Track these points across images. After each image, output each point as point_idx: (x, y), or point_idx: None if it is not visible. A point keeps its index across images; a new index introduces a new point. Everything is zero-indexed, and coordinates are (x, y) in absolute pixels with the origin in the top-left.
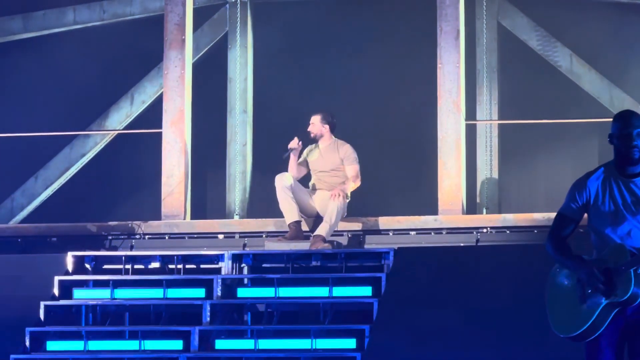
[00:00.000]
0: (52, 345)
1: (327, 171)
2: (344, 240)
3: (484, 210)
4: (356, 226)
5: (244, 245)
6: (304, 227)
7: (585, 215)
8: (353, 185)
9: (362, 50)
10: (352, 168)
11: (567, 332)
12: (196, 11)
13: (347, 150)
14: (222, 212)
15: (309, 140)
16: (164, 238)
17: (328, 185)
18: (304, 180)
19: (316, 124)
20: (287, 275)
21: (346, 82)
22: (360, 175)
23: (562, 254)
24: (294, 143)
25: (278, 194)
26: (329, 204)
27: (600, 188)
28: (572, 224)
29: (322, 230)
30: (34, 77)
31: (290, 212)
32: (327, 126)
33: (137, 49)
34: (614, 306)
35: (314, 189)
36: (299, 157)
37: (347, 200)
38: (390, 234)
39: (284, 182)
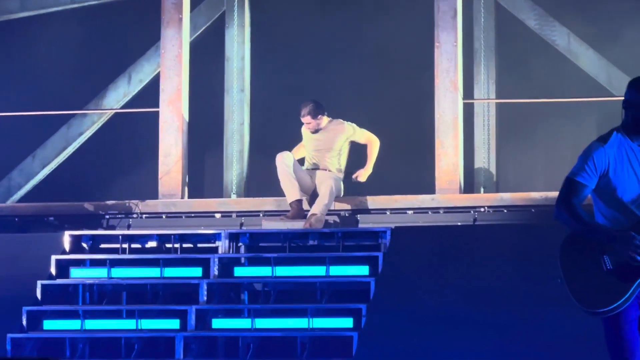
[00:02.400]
0: (49, 324)
1: (324, 149)
2: (340, 220)
3: (482, 190)
4: (353, 205)
5: (241, 225)
6: (305, 206)
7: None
8: (374, 151)
9: (359, 29)
10: (362, 136)
11: (598, 307)
12: None
13: (345, 129)
14: (219, 191)
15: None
16: (161, 217)
17: (324, 164)
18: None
19: (311, 123)
20: (284, 255)
21: (343, 61)
22: (375, 147)
23: (581, 221)
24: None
25: (279, 172)
26: (322, 183)
27: (617, 156)
28: (585, 190)
29: (316, 208)
30: (32, 56)
31: (291, 191)
32: (321, 117)
33: (135, 28)
34: None
35: (313, 168)
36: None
37: (341, 177)
38: (388, 213)
39: (285, 161)
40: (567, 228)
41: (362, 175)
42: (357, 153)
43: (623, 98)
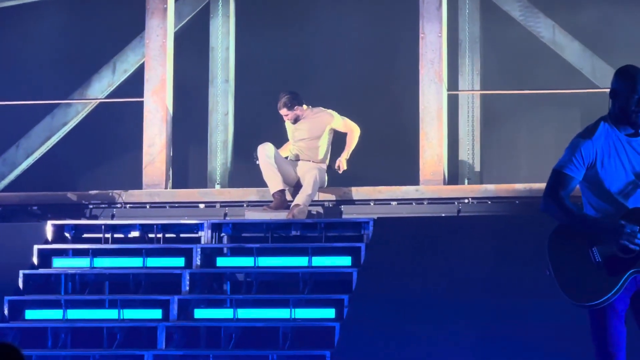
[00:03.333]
0: (30, 314)
1: (306, 139)
2: (324, 210)
3: (466, 181)
4: (337, 196)
5: (225, 215)
6: (288, 197)
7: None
8: (353, 139)
9: (343, 19)
10: (343, 124)
11: (587, 300)
12: None
13: (326, 117)
14: (203, 181)
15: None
16: (145, 207)
17: (307, 155)
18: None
19: (289, 114)
20: (267, 245)
21: (327, 52)
22: (355, 135)
23: (569, 213)
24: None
25: (261, 164)
26: (306, 173)
27: (605, 147)
28: (573, 182)
29: (299, 199)
30: (16, 46)
31: (274, 182)
32: (297, 107)
33: (119, 18)
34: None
35: (295, 159)
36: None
37: (325, 168)
38: (372, 204)
39: (266, 152)
40: (555, 220)
41: (343, 162)
42: (338, 144)
43: (608, 89)
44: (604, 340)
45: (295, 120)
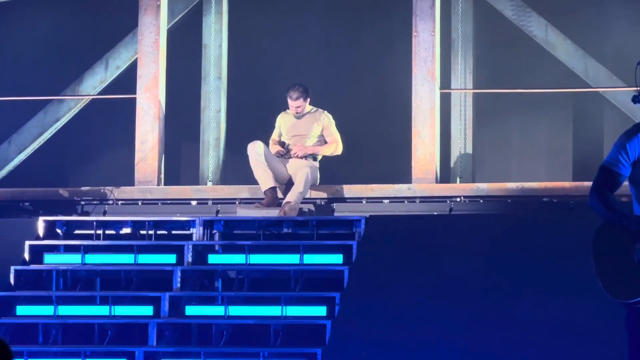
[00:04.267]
0: (22, 310)
1: (302, 136)
2: (315, 208)
3: (458, 180)
4: (329, 194)
5: (217, 212)
6: (279, 195)
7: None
8: (329, 149)
9: (336, 17)
10: (332, 134)
11: (626, 298)
12: None
13: (325, 120)
14: (195, 178)
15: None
16: (137, 204)
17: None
18: None
19: (302, 105)
20: (258, 242)
21: (320, 49)
22: (333, 150)
23: (613, 209)
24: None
25: (251, 162)
26: (298, 171)
27: None
28: (619, 178)
29: (291, 196)
30: (8, 41)
31: (265, 180)
32: (309, 99)
33: (112, 14)
34: None
35: (287, 156)
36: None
37: (317, 166)
38: (364, 202)
39: (256, 150)
40: (600, 217)
41: (301, 150)
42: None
43: (600, 89)
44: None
45: (300, 115)
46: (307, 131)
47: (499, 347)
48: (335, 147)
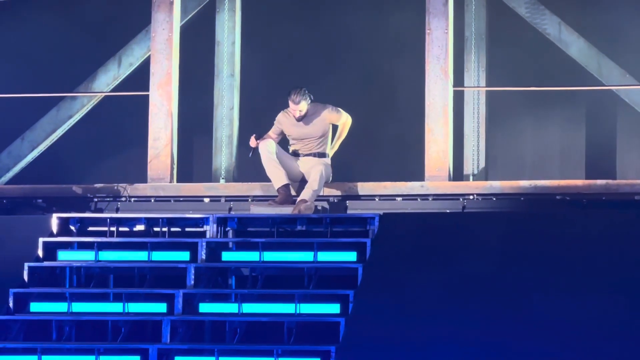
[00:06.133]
0: (35, 307)
1: (307, 139)
2: (329, 206)
3: (471, 177)
4: (342, 191)
5: (230, 209)
6: (292, 192)
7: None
8: (342, 135)
9: (350, 14)
10: (338, 117)
11: None
12: None
13: (328, 113)
14: (208, 175)
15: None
16: (150, 201)
17: (312, 150)
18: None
19: (304, 109)
20: (272, 240)
21: (333, 47)
22: (348, 127)
23: None
24: (253, 142)
25: (263, 160)
26: (312, 169)
27: None
28: None
29: (305, 194)
30: (22, 38)
31: (278, 177)
32: (309, 101)
33: (126, 12)
34: None
35: (298, 155)
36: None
37: (329, 163)
38: (376, 199)
39: (268, 149)
40: None
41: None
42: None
43: (614, 87)
44: None
45: (301, 117)
46: (312, 133)
47: (512, 344)
48: (343, 127)
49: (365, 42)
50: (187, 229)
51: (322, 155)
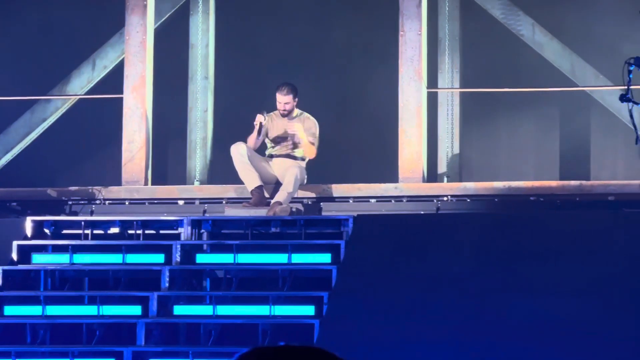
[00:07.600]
0: (9, 310)
1: (290, 138)
2: (303, 207)
3: (445, 179)
4: (316, 193)
5: (204, 212)
6: (266, 194)
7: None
8: (308, 148)
9: (323, 16)
10: (313, 136)
11: None
12: None
13: (311, 126)
14: (182, 178)
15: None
16: (124, 204)
17: (287, 152)
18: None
19: (290, 102)
20: (246, 242)
21: (307, 49)
22: (317, 151)
23: None
24: (262, 118)
25: (235, 163)
26: (286, 171)
27: None
28: None
29: (280, 196)
30: None
31: (251, 179)
32: (296, 99)
33: (99, 14)
34: None
35: (271, 156)
36: (259, 131)
37: (304, 166)
38: (351, 201)
39: (239, 151)
40: None
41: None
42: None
43: (587, 88)
44: None
45: (289, 113)
46: (291, 135)
47: (486, 343)
48: (312, 149)
49: (339, 44)
50: (161, 232)
51: (296, 157)
